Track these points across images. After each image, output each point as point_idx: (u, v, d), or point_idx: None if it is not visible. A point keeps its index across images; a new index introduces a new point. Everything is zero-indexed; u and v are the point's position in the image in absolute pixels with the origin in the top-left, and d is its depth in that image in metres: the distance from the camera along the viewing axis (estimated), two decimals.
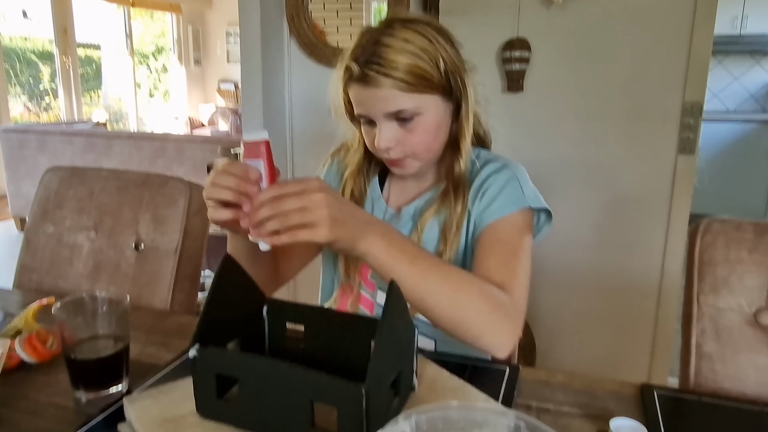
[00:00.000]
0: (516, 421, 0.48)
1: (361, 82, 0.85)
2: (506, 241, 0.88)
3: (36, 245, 1.20)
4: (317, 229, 0.67)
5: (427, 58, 0.84)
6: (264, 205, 0.67)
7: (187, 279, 1.14)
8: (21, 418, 0.66)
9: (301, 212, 0.67)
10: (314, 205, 0.67)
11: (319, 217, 0.67)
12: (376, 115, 0.87)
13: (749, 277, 0.82)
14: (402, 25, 0.85)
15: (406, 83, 0.83)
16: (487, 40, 2.06)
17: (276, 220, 0.67)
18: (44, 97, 6.58)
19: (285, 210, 0.67)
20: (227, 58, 8.16)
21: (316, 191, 0.67)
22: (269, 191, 0.69)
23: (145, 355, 0.83)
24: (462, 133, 0.92)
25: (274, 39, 2.29)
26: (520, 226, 0.90)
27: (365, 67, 0.83)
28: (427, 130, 0.88)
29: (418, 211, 0.97)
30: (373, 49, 0.83)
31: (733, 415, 0.69)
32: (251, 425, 0.60)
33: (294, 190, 0.68)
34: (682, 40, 1.87)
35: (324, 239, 0.68)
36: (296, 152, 2.42)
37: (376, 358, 0.54)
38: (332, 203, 0.68)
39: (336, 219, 0.68)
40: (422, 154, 0.91)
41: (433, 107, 0.88)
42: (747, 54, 4.95)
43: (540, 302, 2.18)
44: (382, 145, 0.87)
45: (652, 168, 1.99)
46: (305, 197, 0.67)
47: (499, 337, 0.76)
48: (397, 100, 0.84)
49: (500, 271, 0.82)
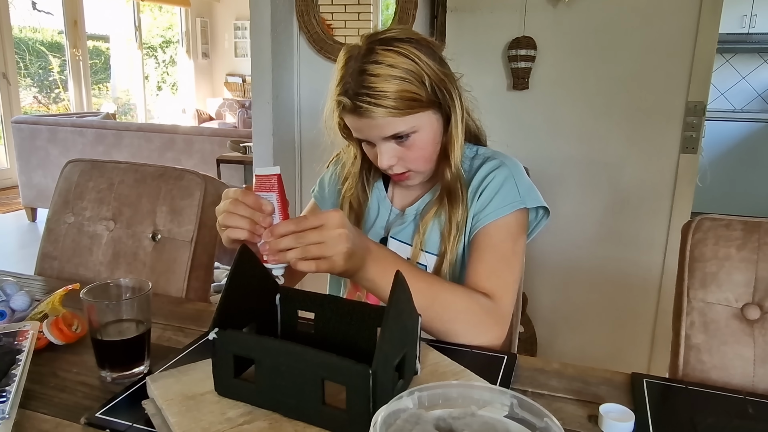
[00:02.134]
0: (511, 399, 0.53)
1: (354, 114, 0.88)
2: (498, 248, 0.93)
3: (57, 234, 1.26)
4: (335, 263, 0.73)
5: (413, 79, 0.87)
6: (285, 236, 0.72)
7: (202, 268, 1.19)
8: (53, 394, 0.71)
9: (320, 246, 0.72)
10: (334, 241, 0.72)
11: (337, 252, 0.73)
12: (375, 139, 0.91)
13: (737, 273, 0.86)
14: (383, 49, 0.86)
15: (397, 109, 0.86)
16: (493, 38, 2.09)
17: (296, 251, 0.72)
18: (54, 88, 6.64)
19: (306, 243, 0.72)
20: (235, 52, 8.20)
21: (337, 227, 0.72)
22: (291, 224, 0.73)
23: (163, 339, 0.88)
24: (451, 142, 0.95)
25: (284, 35, 2.33)
26: (513, 229, 0.94)
27: (356, 99, 0.86)
28: (425, 145, 0.93)
29: (419, 214, 1.01)
30: (360, 79, 0.86)
31: (717, 402, 0.73)
32: (266, 403, 0.64)
33: (315, 224, 0.72)
34: (686, 40, 1.90)
35: (339, 272, 0.75)
36: (304, 146, 2.47)
37: (383, 341, 0.59)
38: (350, 239, 0.74)
39: (350, 254, 0.74)
40: (422, 166, 0.95)
41: (427, 122, 0.91)
42: (755, 52, 4.95)
43: (542, 297, 2.22)
44: (385, 164, 0.92)
45: (654, 166, 2.02)
46: (326, 232, 0.72)
47: (484, 342, 0.85)
48: (392, 125, 0.88)
49: (490, 279, 0.89)
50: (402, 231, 1.01)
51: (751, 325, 0.86)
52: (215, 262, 1.30)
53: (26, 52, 6.25)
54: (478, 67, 2.12)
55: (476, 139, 1.06)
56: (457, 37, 2.10)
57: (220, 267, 2.86)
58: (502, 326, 0.87)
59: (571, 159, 2.10)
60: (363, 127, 0.90)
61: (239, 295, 0.71)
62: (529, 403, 0.52)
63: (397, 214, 1.04)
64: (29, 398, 0.70)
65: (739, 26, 4.59)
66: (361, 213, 1.05)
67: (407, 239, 1.00)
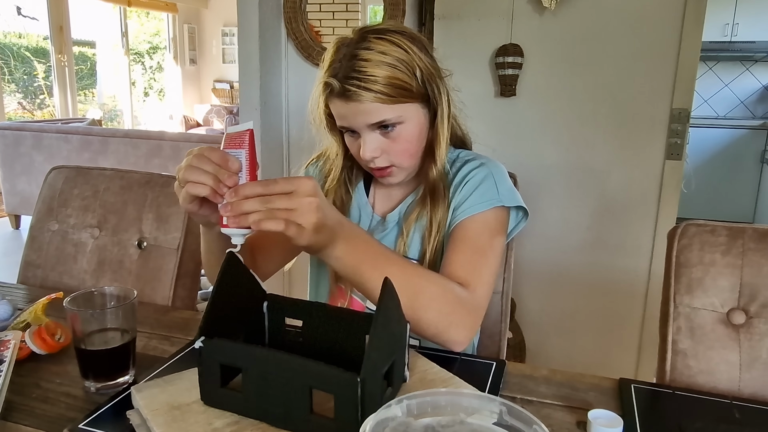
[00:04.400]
0: (500, 407, 0.53)
1: (342, 98, 0.87)
2: (474, 240, 0.90)
3: (41, 242, 1.24)
4: (302, 233, 0.67)
5: (404, 69, 0.86)
6: (251, 198, 0.66)
7: (189, 276, 1.18)
8: (35, 405, 0.70)
9: (288, 213, 0.66)
10: (304, 209, 0.67)
11: (306, 221, 0.67)
12: (360, 126, 0.89)
13: (722, 279, 0.87)
14: (376, 37, 0.86)
15: (386, 95, 0.85)
16: (480, 45, 2.11)
17: (260, 214, 0.65)
18: (39, 94, 6.58)
19: (272, 208, 0.66)
20: (223, 58, 8.18)
21: (308, 194, 0.67)
22: (259, 186, 0.67)
23: (149, 348, 0.86)
24: (437, 139, 0.94)
25: (272, 41, 2.33)
26: (491, 225, 0.92)
27: (345, 82, 0.85)
28: (410, 138, 0.91)
29: (402, 217, 0.99)
30: (351, 63, 0.85)
31: (704, 407, 0.73)
32: (253, 412, 0.64)
33: (285, 189, 0.67)
34: (670, 48, 1.92)
35: (304, 243, 0.69)
36: (292, 153, 2.46)
37: (371, 349, 0.58)
38: (321, 209, 0.68)
39: (320, 225, 0.68)
40: (406, 161, 0.93)
41: (414, 115, 0.91)
42: (737, 60, 5.04)
43: (530, 302, 2.23)
44: (367, 155, 0.90)
45: (640, 172, 2.04)
46: (296, 199, 0.66)
47: (455, 335, 0.80)
48: (379, 112, 0.87)
49: (465, 269, 0.86)
50: (384, 238, 1.00)
51: (737, 330, 0.87)
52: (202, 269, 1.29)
53: (11, 57, 6.19)
54: (466, 74, 2.13)
55: (462, 143, 1.05)
56: (444, 44, 2.11)
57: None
58: (475, 317, 0.84)
59: (558, 165, 2.12)
60: (349, 113, 0.88)
61: (226, 303, 0.70)
62: (518, 411, 0.51)
63: (378, 221, 1.03)
64: (11, 410, 0.68)
65: (722, 35, 4.67)
66: (344, 213, 1.03)
67: (390, 245, 0.99)
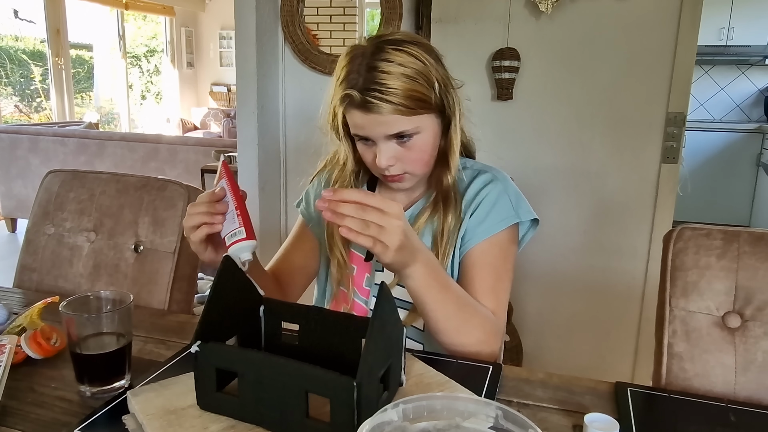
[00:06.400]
0: (496, 411, 0.53)
1: (361, 109, 0.88)
2: (495, 266, 0.96)
3: (36, 246, 1.24)
4: (386, 251, 0.73)
5: (422, 81, 0.88)
6: (348, 202, 0.71)
7: (185, 279, 1.18)
8: (29, 410, 0.70)
9: (379, 229, 0.72)
10: (392, 230, 0.72)
11: (391, 242, 0.72)
12: (377, 137, 0.90)
13: (717, 282, 0.87)
14: (394, 48, 0.87)
15: (406, 107, 0.86)
16: (477, 48, 2.11)
17: (355, 221, 0.71)
18: (35, 97, 6.56)
19: (365, 219, 0.71)
20: (220, 62, 8.18)
21: (397, 218, 0.73)
22: (357, 193, 0.73)
23: (145, 352, 0.86)
24: (451, 148, 0.96)
25: (269, 44, 2.33)
26: (505, 245, 0.97)
27: (365, 94, 0.86)
28: (425, 147, 0.93)
29: (412, 221, 1.00)
30: (370, 75, 0.86)
31: (700, 410, 0.73)
32: (249, 416, 0.64)
33: (378, 205, 0.72)
34: (666, 52, 1.93)
35: (387, 261, 0.75)
36: (289, 156, 2.46)
37: (367, 353, 0.58)
38: (405, 233, 0.74)
39: (402, 247, 0.74)
40: (419, 169, 0.95)
41: (429, 125, 0.92)
42: (733, 64, 5.06)
43: (527, 306, 2.23)
44: (383, 164, 0.91)
45: (636, 176, 2.05)
46: (386, 218, 0.72)
47: (483, 355, 0.87)
48: (397, 123, 0.88)
49: (489, 298, 0.94)
50: None
51: (732, 333, 0.87)
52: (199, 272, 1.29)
53: (7, 60, 6.18)
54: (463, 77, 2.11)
55: (466, 149, 1.07)
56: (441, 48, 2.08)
57: (204, 278, 2.83)
58: (500, 339, 0.93)
59: (555, 168, 2.12)
60: (367, 124, 0.89)
61: (222, 307, 0.70)
62: (513, 415, 0.51)
63: None
64: (6, 414, 0.68)
65: (717, 39, 4.69)
66: None
67: None
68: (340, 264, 1.03)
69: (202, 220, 0.79)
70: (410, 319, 0.99)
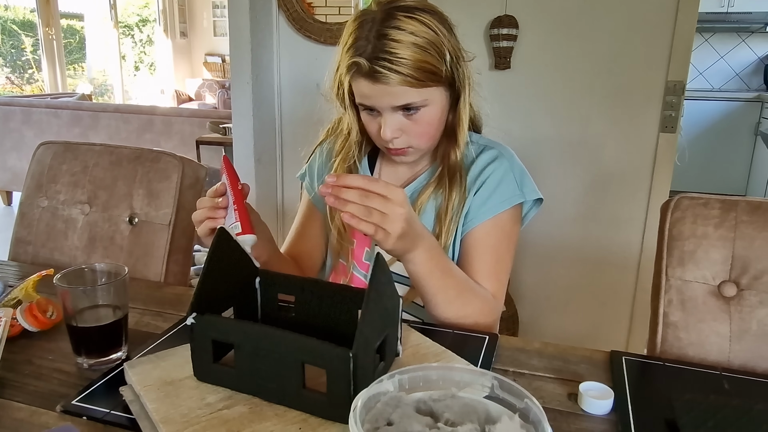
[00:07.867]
0: (491, 380, 0.53)
1: (369, 78, 0.85)
2: (496, 247, 0.96)
3: (31, 219, 1.23)
4: (387, 238, 0.73)
5: (434, 52, 0.85)
6: (352, 188, 0.71)
7: (181, 251, 1.17)
8: (28, 382, 0.70)
9: (382, 216, 0.71)
10: (395, 217, 0.72)
11: (393, 229, 0.72)
12: (383, 107, 0.88)
13: (714, 252, 0.87)
14: (405, 16, 0.84)
15: (415, 79, 0.83)
16: (475, 16, 2.07)
17: (358, 208, 0.71)
18: (27, 68, 6.46)
19: (369, 205, 0.71)
20: (214, 31, 8.04)
21: (401, 205, 0.72)
22: (360, 179, 0.72)
23: (142, 324, 0.86)
24: (459, 123, 0.94)
25: (263, 13, 2.28)
26: (509, 224, 0.96)
27: (374, 62, 0.83)
28: (431, 121, 0.91)
29: (415, 195, 0.98)
30: (380, 43, 0.83)
31: (694, 378, 0.74)
32: (246, 387, 0.64)
33: (381, 192, 0.71)
34: (666, 19, 1.90)
35: (387, 247, 0.75)
36: (285, 127, 2.44)
37: (363, 324, 0.58)
38: (408, 220, 0.73)
39: (403, 234, 0.74)
40: (424, 143, 0.93)
41: (438, 98, 0.89)
42: (733, 32, 4.99)
43: (523, 275, 2.24)
44: (388, 136, 0.89)
45: (634, 145, 2.04)
46: (389, 205, 0.71)
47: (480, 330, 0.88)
48: (405, 95, 0.85)
49: (490, 280, 0.94)
50: None
51: (728, 303, 0.87)
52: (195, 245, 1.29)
53: None
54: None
55: (474, 124, 1.04)
56: None
57: (201, 250, 2.83)
58: (497, 318, 0.96)
59: (552, 138, 2.11)
60: (374, 94, 0.87)
61: (218, 278, 0.70)
62: (509, 384, 0.52)
63: None
64: (3, 386, 0.68)
65: (718, 5, 4.62)
66: None
67: None
68: (340, 234, 1.02)
69: (206, 215, 0.81)
70: (411, 296, 0.99)
